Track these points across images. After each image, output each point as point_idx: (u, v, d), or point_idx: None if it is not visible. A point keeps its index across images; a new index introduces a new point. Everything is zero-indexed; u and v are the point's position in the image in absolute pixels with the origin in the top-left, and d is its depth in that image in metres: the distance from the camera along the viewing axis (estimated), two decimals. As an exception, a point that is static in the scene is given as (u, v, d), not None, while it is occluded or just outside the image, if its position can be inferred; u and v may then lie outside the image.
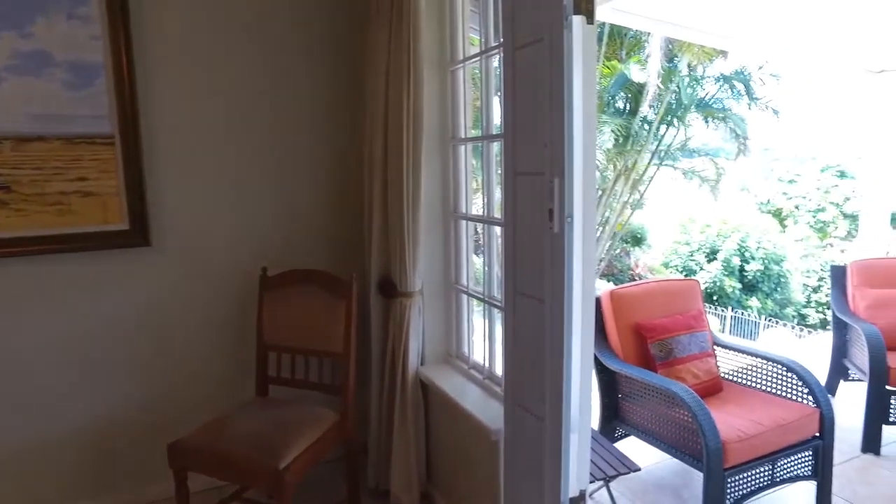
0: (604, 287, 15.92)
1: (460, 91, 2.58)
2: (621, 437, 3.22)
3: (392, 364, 2.61)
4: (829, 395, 4.30)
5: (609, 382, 3.13)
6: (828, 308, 18.45)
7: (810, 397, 2.85)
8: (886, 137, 5.57)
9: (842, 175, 24.81)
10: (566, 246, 1.53)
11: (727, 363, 3.28)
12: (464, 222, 2.62)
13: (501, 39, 1.86)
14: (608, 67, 10.59)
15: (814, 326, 17.96)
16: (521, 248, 1.75)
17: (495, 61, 2.32)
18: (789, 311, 18.52)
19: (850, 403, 4.15)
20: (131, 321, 2.66)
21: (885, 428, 3.50)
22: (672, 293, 3.27)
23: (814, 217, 24.71)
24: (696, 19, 4.19)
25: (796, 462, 2.78)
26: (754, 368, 3.14)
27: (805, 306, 19.02)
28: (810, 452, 2.80)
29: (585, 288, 1.77)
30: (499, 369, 2.39)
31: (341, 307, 2.56)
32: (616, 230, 13.68)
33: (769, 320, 16.84)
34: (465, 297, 2.63)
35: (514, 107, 1.75)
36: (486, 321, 2.43)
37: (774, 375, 3.05)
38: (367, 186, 2.68)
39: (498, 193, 2.31)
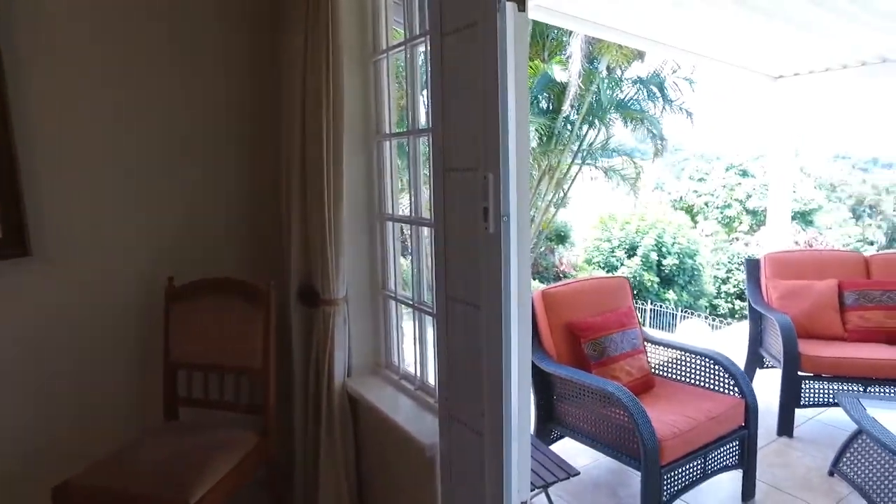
0: (533, 286, 16.20)
1: (384, 84, 2.42)
2: (557, 439, 3.17)
3: (317, 378, 2.42)
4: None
5: (543, 384, 3.08)
6: (735, 298, 19.75)
7: (736, 388, 2.92)
8: (785, 138, 5.91)
9: (744, 174, 26.60)
10: (503, 247, 1.42)
11: (657, 358, 3.31)
12: (390, 224, 2.47)
13: (428, 27, 1.73)
14: (532, 67, 10.74)
15: (724, 316, 19.09)
16: (454, 250, 1.62)
17: (421, 52, 2.18)
18: (702, 302, 19.59)
19: (766, 390, 4.34)
20: (6, 343, 2.29)
21: (797, 411, 3.67)
22: (603, 291, 3.26)
23: (721, 213, 26.34)
24: (617, 19, 4.24)
25: (725, 452, 2.83)
26: (683, 363, 3.19)
27: (716, 297, 20.18)
28: (737, 442, 2.86)
29: (521, 291, 1.67)
30: (432, 379, 2.26)
31: (258, 318, 2.34)
32: (542, 228, 13.94)
33: (685, 312, 17.72)
34: (393, 303, 2.48)
35: (443, 97, 1.62)
36: (417, 328, 2.29)
37: (702, 368, 3.10)
38: (285, 186, 2.47)
39: (426, 192, 2.18)
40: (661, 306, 17.97)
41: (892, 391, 3.52)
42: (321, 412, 2.40)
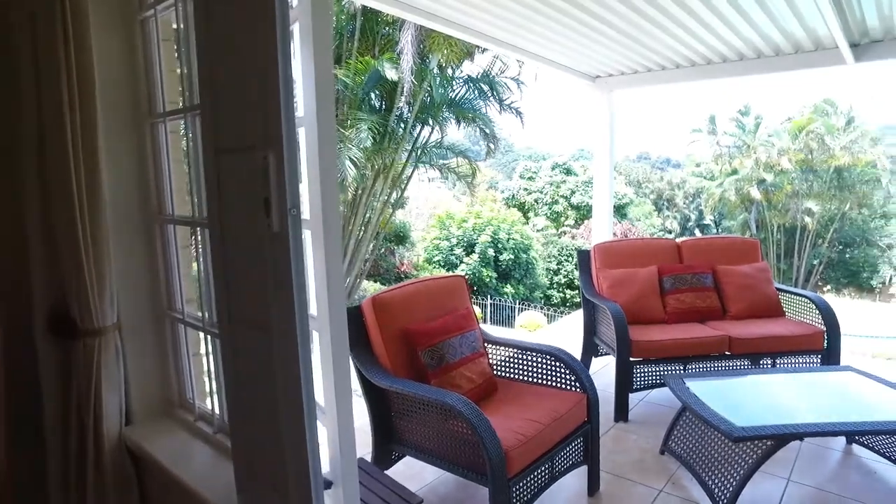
0: (372, 289, 15.85)
1: (154, 48, 1.91)
2: (398, 459, 2.87)
3: (80, 431, 1.84)
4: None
5: (379, 401, 2.75)
6: (566, 287, 21.30)
7: (577, 383, 2.84)
8: (605, 137, 6.26)
9: (568, 172, 28.86)
10: (292, 249, 1.06)
11: (498, 359, 3.15)
12: (171, 227, 1.96)
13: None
14: (362, 63, 10.39)
15: (557, 305, 20.45)
16: (234, 257, 1.22)
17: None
18: (537, 293, 20.81)
19: (601, 377, 4.46)
20: None
21: (630, 395, 3.77)
22: (438, 292, 3.02)
23: (550, 209, 28.32)
24: (449, 10, 4.10)
25: (571, 451, 2.73)
26: (524, 361, 3.06)
27: (549, 288, 21.56)
28: (581, 439, 2.78)
29: (334, 302, 1.31)
30: (234, 418, 1.81)
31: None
32: (380, 229, 13.68)
33: (522, 304, 18.65)
34: (183, 327, 1.98)
35: (211, 55, 1.21)
36: (212, 356, 1.83)
37: (543, 365, 2.99)
38: (12, 183, 1.85)
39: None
40: (500, 300, 18.73)
41: (708, 365, 3.75)
42: (87, 475, 1.83)
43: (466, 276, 18.29)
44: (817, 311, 3.87)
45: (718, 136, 27.88)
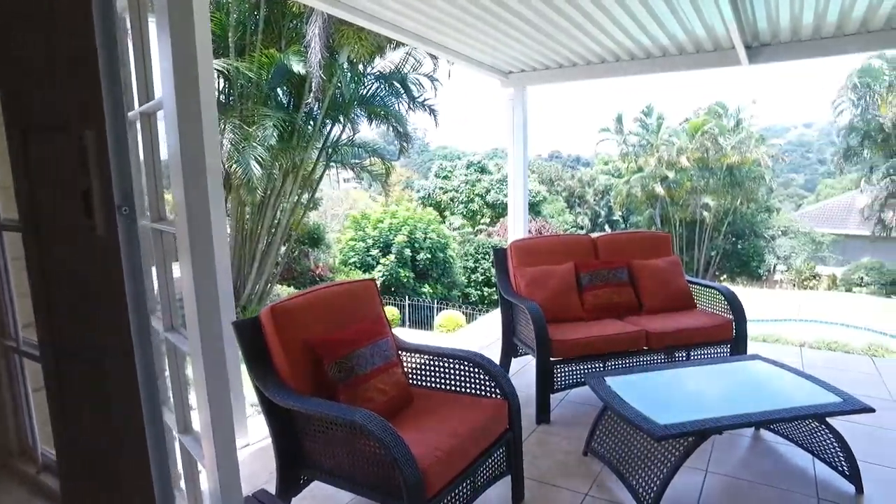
0: (286, 293, 15.23)
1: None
2: (307, 484, 2.59)
3: None
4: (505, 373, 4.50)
5: (283, 421, 2.46)
6: (483, 285, 21.46)
7: (498, 389, 2.68)
8: (519, 134, 6.21)
9: (482, 170, 29.20)
10: (125, 257, 0.79)
11: (414, 366, 2.94)
12: None
13: None
14: (267, 56, 9.83)
15: (476, 303, 20.56)
16: (54, 267, 0.93)
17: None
18: (455, 292, 20.82)
19: (521, 378, 4.37)
20: None
21: (551, 396, 3.69)
22: (346, 298, 2.77)
23: (465, 207, 28.51)
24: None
25: (494, 462, 2.57)
26: (441, 368, 2.87)
27: (467, 286, 21.64)
28: (504, 448, 2.63)
29: (206, 314, 1.05)
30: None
31: None
32: (291, 231, 13.11)
33: (441, 304, 18.57)
34: (17, 357, 1.61)
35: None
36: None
37: (462, 372, 2.81)
38: None
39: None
40: (418, 301, 18.56)
41: (627, 361, 3.73)
42: None
43: (377, 279, 18.05)
44: (725, 302, 3.96)
45: (625, 136, 29.22)
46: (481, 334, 5.61)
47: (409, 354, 2.92)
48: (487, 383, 2.72)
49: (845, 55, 4.71)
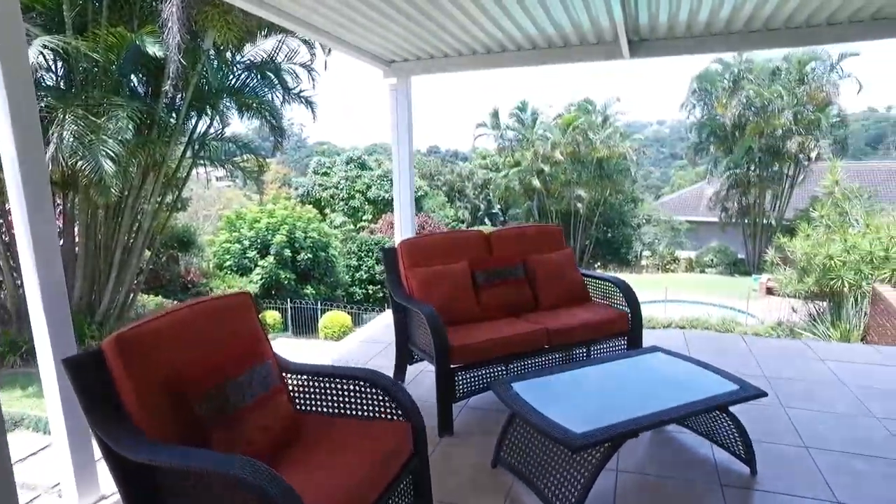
0: (153, 304, 13.78)
1: None
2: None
3: None
4: (401, 382, 4.20)
5: (137, 477, 1.97)
6: (368, 283, 21.00)
7: (399, 410, 2.38)
8: (403, 125, 5.92)
9: (362, 166, 28.67)
10: None
11: (301, 389, 2.56)
12: None
13: None
14: (115, 36, 8.62)
15: (360, 302, 20.06)
16: None
17: None
18: (339, 292, 20.16)
19: (418, 386, 4.10)
20: None
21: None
22: (215, 317, 2.31)
23: (346, 205, 27.83)
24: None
25: (400, 495, 2.27)
26: (334, 391, 2.51)
27: (352, 285, 21.07)
28: (410, 477, 2.34)
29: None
30: None
31: None
32: (155, 235, 11.84)
33: (325, 304, 17.88)
34: None
35: None
36: None
37: (357, 393, 2.48)
38: None
39: None
40: (300, 303, 17.72)
41: (530, 362, 3.59)
42: None
43: (257, 282, 17.01)
44: (620, 294, 3.96)
45: (501, 130, 30.07)
46: (372, 339, 5.27)
47: (295, 377, 2.53)
48: (387, 404, 2.40)
49: (711, 54, 4.95)
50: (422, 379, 4.20)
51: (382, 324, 5.58)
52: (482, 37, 4.80)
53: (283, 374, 2.47)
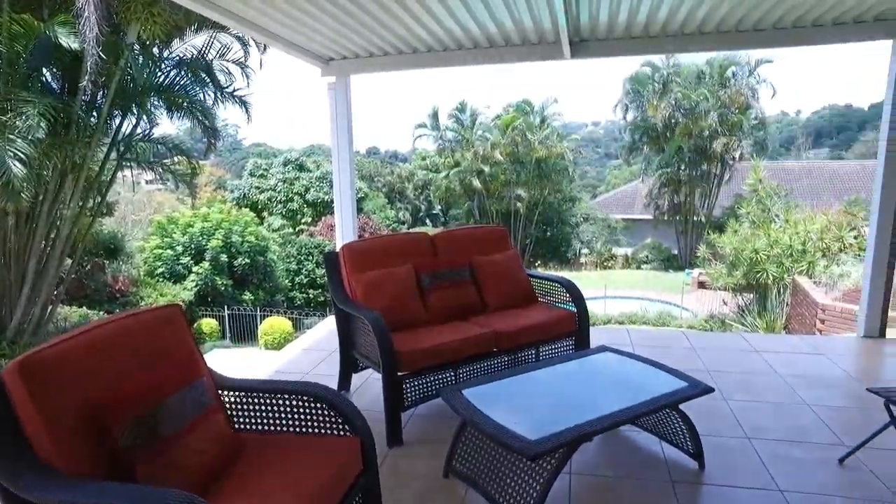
0: (76, 316, 12.90)
1: None
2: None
3: None
4: (346, 392, 4.05)
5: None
6: (308, 287, 20.50)
7: (346, 426, 2.25)
8: (343, 125, 5.74)
9: (301, 168, 27.97)
10: None
11: (240, 405, 2.38)
12: None
13: None
14: (21, 24, 7.90)
15: (301, 307, 19.55)
16: None
17: None
18: (279, 297, 19.58)
19: (364, 395, 3.96)
20: None
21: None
22: (140, 334, 2.10)
23: (285, 207, 27.08)
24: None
25: (347, 516, 2.14)
26: (277, 407, 2.34)
27: (292, 290, 20.51)
28: (360, 495, 2.21)
29: None
30: None
31: None
32: (76, 242, 11.07)
33: (265, 310, 17.31)
34: None
35: None
36: None
37: (301, 408, 2.32)
38: None
39: None
40: (239, 309, 17.08)
41: (479, 366, 3.52)
42: None
43: (195, 286, 16.25)
44: (566, 294, 3.95)
45: (441, 131, 30.09)
46: (316, 346, 5.07)
47: (233, 394, 2.35)
48: (333, 419, 2.27)
49: (648, 55, 5.04)
50: (368, 387, 4.06)
51: (326, 330, 5.39)
52: (423, 35, 4.70)
53: (220, 392, 2.28)
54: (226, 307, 16.86)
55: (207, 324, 16.16)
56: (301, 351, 5.05)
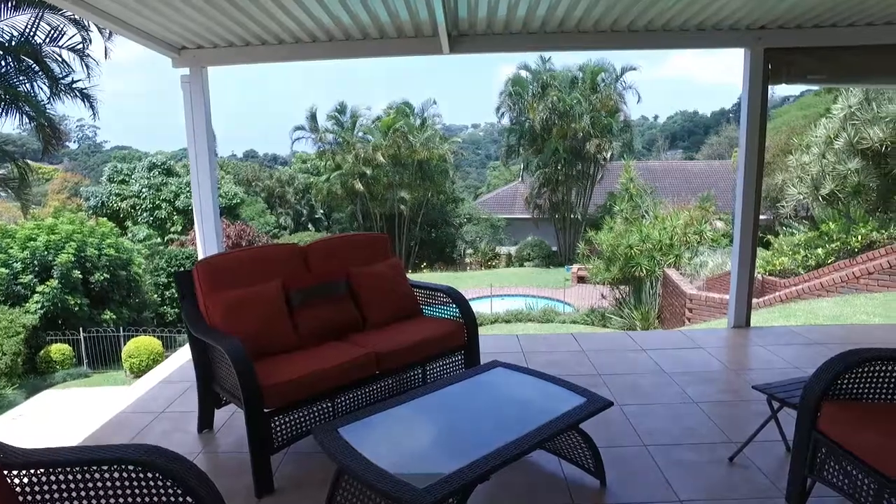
0: None
1: None
2: None
3: None
4: (208, 430, 3.49)
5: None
6: (181, 302, 18.85)
7: (188, 498, 1.77)
8: (200, 122, 5.08)
9: (169, 172, 25.77)
10: None
11: (38, 485, 1.81)
12: None
13: None
14: None
15: (173, 324, 17.90)
16: None
17: None
18: (147, 314, 17.79)
19: (228, 434, 3.43)
20: None
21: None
22: None
23: (151, 216, 24.80)
24: None
25: None
26: (91, 484, 1.80)
27: (161, 305, 18.74)
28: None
29: None
30: None
31: None
32: None
33: (130, 330, 15.58)
34: None
35: None
36: None
37: (126, 484, 1.81)
38: None
39: None
40: (98, 331, 15.22)
41: (359, 394, 3.13)
42: None
43: (41, 308, 14.19)
44: (453, 305, 3.67)
45: (321, 133, 29.14)
46: (177, 377, 4.41)
47: (24, 472, 1.77)
48: (172, 490, 1.77)
49: (528, 52, 4.93)
50: (233, 424, 3.52)
51: (187, 358, 4.71)
52: (289, 23, 4.22)
53: (3, 473, 1.71)
54: (81, 330, 14.96)
55: (58, 350, 14.23)
56: (159, 384, 4.35)
